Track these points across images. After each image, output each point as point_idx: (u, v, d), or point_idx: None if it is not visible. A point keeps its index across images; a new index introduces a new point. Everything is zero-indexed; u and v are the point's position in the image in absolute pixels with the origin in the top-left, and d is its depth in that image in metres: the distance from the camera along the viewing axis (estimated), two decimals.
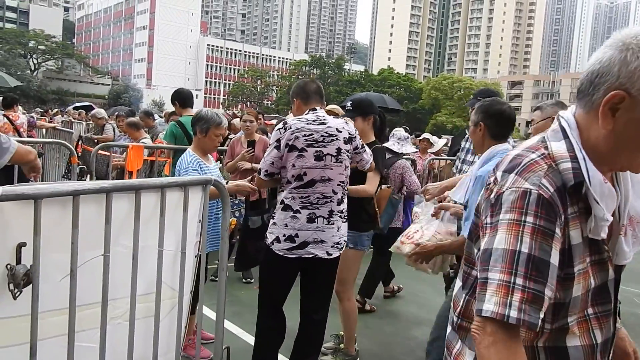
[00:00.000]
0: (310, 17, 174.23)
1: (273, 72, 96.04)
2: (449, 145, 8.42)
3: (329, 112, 5.23)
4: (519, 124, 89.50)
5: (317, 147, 2.84)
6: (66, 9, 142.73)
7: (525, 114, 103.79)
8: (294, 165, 2.82)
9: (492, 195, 1.11)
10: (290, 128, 2.83)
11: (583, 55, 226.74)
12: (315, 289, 3.08)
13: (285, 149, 2.82)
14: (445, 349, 1.35)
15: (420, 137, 7.68)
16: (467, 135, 4.00)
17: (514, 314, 1.01)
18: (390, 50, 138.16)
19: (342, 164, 2.92)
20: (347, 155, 2.95)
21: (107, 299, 1.92)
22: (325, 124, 2.89)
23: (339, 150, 2.89)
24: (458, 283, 1.36)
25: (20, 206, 1.65)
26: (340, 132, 2.93)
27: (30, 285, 1.67)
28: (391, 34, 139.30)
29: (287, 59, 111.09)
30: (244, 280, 5.28)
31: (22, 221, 1.65)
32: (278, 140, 2.84)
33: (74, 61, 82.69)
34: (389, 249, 3.02)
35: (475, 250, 1.24)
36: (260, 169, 2.92)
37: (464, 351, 1.27)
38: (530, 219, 1.04)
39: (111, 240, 1.91)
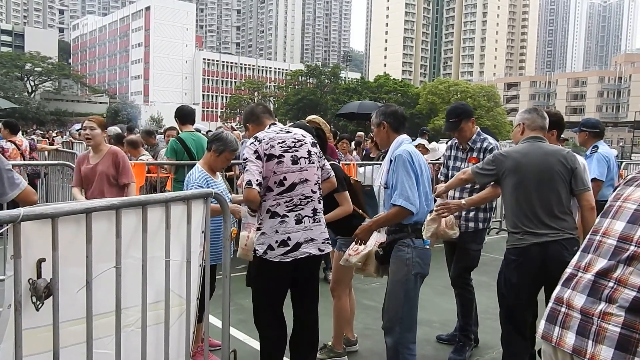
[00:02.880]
0: (305, 27, 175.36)
1: (270, 83, 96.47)
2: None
3: (310, 122, 5.43)
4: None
5: (292, 152, 3.04)
6: (61, 30, 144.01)
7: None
8: (274, 173, 2.98)
9: None
10: (264, 139, 3.01)
11: (578, 55, 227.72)
12: (307, 288, 3.22)
13: (265, 158, 2.97)
14: (627, 330, 1.56)
15: (416, 144, 7.80)
16: (449, 143, 4.18)
17: None
18: (385, 57, 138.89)
19: (315, 165, 3.14)
20: (317, 157, 3.17)
21: (120, 307, 2.07)
22: (290, 132, 3.13)
23: (309, 152, 3.12)
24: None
25: (39, 225, 1.80)
26: (305, 136, 3.17)
27: (51, 297, 1.82)
28: (386, 41, 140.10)
29: (283, 69, 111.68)
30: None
31: (41, 238, 1.81)
32: (256, 152, 2.97)
33: (71, 81, 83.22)
34: (340, 263, 3.50)
35: None
36: (249, 181, 2.90)
37: None
38: None
39: (122, 252, 2.06)
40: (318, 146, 3.25)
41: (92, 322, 1.95)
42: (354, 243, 3.28)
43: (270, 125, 3.16)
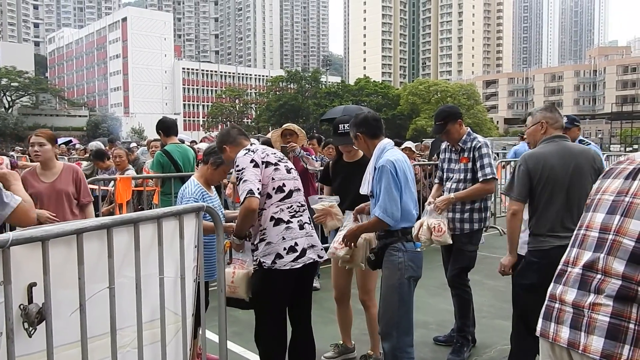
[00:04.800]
0: (283, 33, 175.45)
1: (250, 90, 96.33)
2: (428, 150, 8.60)
3: (287, 130, 5.44)
4: (497, 121, 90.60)
5: (283, 162, 3.09)
6: (37, 44, 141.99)
7: (502, 112, 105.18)
8: (273, 179, 2.98)
9: None
10: (258, 149, 3.03)
11: (553, 50, 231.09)
12: (307, 295, 3.21)
13: (263, 166, 2.96)
14: (616, 319, 1.58)
15: (402, 147, 7.73)
16: (443, 146, 4.18)
17: None
18: (365, 60, 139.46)
19: (299, 176, 3.21)
20: None
21: (115, 328, 2.01)
22: (272, 149, 3.27)
23: (293, 164, 3.24)
24: (630, 265, 1.59)
25: (29, 249, 1.74)
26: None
27: (44, 322, 1.76)
28: (364, 44, 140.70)
29: (263, 76, 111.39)
30: None
31: (31, 262, 1.75)
32: (252, 160, 2.95)
33: (49, 95, 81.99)
34: (326, 256, 3.44)
35: None
36: (250, 190, 2.85)
37: None
38: None
39: (115, 272, 2.01)
40: None
41: (87, 345, 1.89)
42: (339, 236, 3.32)
43: (250, 146, 3.17)
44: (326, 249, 3.49)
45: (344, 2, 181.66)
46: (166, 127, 5.33)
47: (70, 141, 17.29)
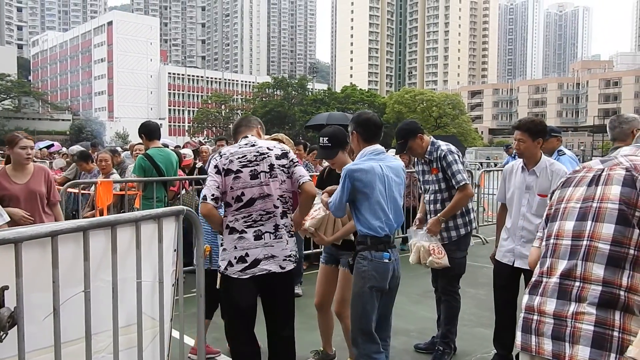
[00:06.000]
0: (270, 39, 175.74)
1: (237, 96, 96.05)
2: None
3: (274, 140, 5.41)
4: (482, 132, 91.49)
5: (251, 166, 2.99)
6: (20, 47, 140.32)
7: (487, 122, 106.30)
8: (232, 188, 2.95)
9: None
10: (225, 154, 3.01)
11: (538, 62, 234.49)
12: (276, 305, 3.16)
13: (222, 173, 2.96)
14: (600, 328, 1.58)
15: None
16: (416, 158, 4.22)
17: None
18: (351, 68, 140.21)
19: (278, 179, 3.03)
20: (283, 170, 3.06)
21: (90, 333, 1.98)
22: (255, 145, 3.07)
23: (272, 166, 3.02)
24: (609, 268, 1.61)
25: (1, 250, 1.70)
26: (271, 149, 3.07)
27: (16, 326, 1.72)
28: (351, 52, 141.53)
29: (249, 82, 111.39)
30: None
31: (3, 265, 1.71)
32: (216, 166, 2.99)
33: (32, 99, 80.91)
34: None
35: (637, 231, 1.60)
36: (204, 196, 2.91)
37: (628, 319, 1.57)
38: None
39: (91, 276, 1.97)
40: (291, 154, 3.14)
41: (61, 350, 1.86)
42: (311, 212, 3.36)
43: (242, 139, 3.15)
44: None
45: (331, 10, 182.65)
46: (149, 131, 5.28)
47: (52, 145, 17.02)
